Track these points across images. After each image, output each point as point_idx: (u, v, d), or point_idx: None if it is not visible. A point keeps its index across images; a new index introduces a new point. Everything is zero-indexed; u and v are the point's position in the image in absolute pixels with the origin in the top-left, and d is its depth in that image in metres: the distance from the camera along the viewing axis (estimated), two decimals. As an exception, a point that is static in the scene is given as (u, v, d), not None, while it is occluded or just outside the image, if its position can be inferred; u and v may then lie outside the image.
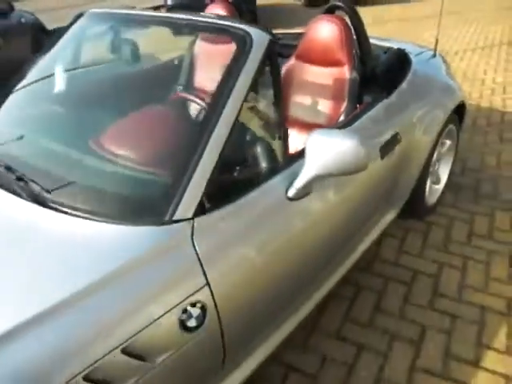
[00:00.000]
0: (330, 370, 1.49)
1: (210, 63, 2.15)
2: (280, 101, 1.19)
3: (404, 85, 1.82)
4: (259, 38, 1.16)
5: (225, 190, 1.05)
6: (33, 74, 1.47)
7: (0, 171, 1.09)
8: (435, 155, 2.07)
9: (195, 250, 0.94)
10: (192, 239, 0.94)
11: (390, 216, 1.85)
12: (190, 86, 2.14)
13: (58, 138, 1.19)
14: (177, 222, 0.94)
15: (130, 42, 1.57)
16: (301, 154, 1.21)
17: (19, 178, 1.04)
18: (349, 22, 1.78)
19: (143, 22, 1.44)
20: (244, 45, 1.15)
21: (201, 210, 0.98)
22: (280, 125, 1.18)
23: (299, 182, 1.12)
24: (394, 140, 1.59)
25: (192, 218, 0.96)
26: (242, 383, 1.18)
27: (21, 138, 1.19)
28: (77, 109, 1.37)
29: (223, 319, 0.98)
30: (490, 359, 1.50)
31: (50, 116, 1.31)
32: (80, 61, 1.49)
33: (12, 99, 1.42)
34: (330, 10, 1.87)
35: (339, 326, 1.65)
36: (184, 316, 0.89)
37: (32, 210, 0.98)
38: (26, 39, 4.68)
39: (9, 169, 1.08)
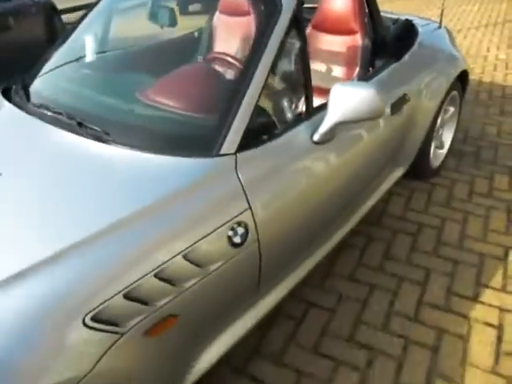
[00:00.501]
0: (345, 305, 1.68)
1: (229, 34, 2.29)
2: (306, 57, 1.34)
3: (411, 52, 1.97)
4: (287, 1, 1.31)
5: (261, 132, 1.21)
6: (79, 37, 1.62)
7: (62, 118, 1.25)
8: (439, 120, 2.23)
9: (239, 178, 1.11)
10: (236, 170, 1.12)
11: (398, 173, 2.02)
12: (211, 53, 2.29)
13: (116, 92, 1.36)
14: (223, 155, 1.11)
15: (167, 7, 1.71)
16: (323, 106, 1.37)
17: (80, 124, 1.21)
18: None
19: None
20: (275, 6, 1.29)
21: (242, 148, 1.14)
22: (306, 79, 1.34)
23: (323, 128, 1.29)
24: (403, 99, 1.75)
25: (235, 153, 1.13)
26: (270, 309, 1.37)
27: (77, 91, 1.36)
28: (121, 69, 1.53)
29: (261, 240, 1.15)
30: (487, 295, 1.69)
31: (99, 73, 1.47)
32: (120, 27, 1.64)
33: (57, 60, 1.57)
34: (344, -18, 2.00)
35: (352, 270, 1.84)
36: (231, 233, 1.07)
37: (92, 146, 1.15)
38: (39, 19, 4.78)
39: (70, 116, 1.24)
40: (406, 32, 2.07)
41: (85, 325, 0.84)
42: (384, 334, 1.56)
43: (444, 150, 2.47)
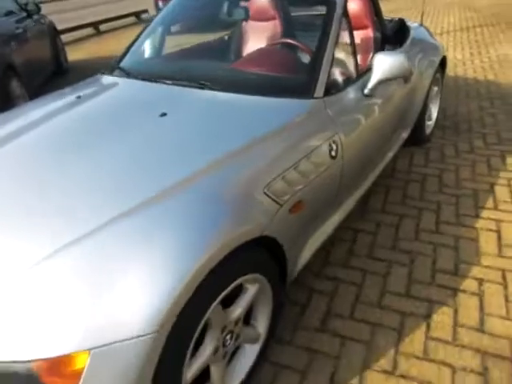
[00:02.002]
0: (383, 229, 2.19)
1: (257, 36, 2.82)
2: (352, 38, 1.88)
3: (408, 42, 2.58)
4: (339, 0, 1.86)
5: (332, 86, 1.73)
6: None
7: (186, 84, 1.72)
8: (429, 96, 2.84)
9: (328, 113, 1.61)
10: (325, 108, 1.61)
11: (405, 134, 2.59)
12: (237, 56, 2.80)
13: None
14: (316, 98, 1.62)
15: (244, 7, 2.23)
16: (368, 70, 1.91)
17: (200, 86, 1.68)
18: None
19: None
20: (331, 4, 1.83)
21: (325, 94, 1.65)
22: (354, 51, 1.88)
23: (370, 84, 1.82)
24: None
25: (323, 97, 1.63)
26: (346, 215, 1.86)
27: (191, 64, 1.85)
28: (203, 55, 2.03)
29: (344, 157, 1.64)
30: (486, 213, 2.26)
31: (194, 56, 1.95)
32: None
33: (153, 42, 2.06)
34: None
35: (382, 206, 2.37)
36: (329, 148, 1.55)
37: (217, 95, 1.63)
38: (46, 39, 5.11)
39: (192, 80, 1.71)
40: (401, 28, 2.68)
41: (264, 193, 1.28)
42: (418, 243, 2.07)
43: (432, 122, 3.09)
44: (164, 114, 1.49)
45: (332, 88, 1.72)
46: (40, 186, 1.23)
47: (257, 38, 2.79)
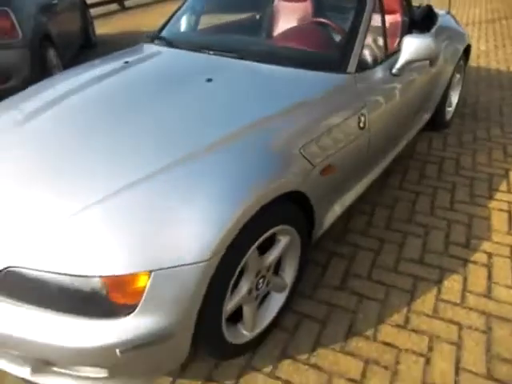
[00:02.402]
0: (401, 204, 2.32)
1: (289, 16, 2.92)
2: (384, 20, 1.98)
3: (436, 28, 2.66)
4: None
5: (363, 64, 1.84)
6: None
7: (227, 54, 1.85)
8: (451, 83, 2.93)
9: (357, 88, 1.73)
10: (355, 82, 1.74)
11: (427, 116, 2.69)
12: (271, 32, 2.91)
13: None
14: (348, 73, 1.74)
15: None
16: (396, 51, 2.02)
17: (241, 56, 1.81)
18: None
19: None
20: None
21: (356, 70, 1.77)
22: (385, 34, 1.98)
23: (398, 64, 1.93)
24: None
25: (354, 73, 1.75)
26: (373, 181, 2.02)
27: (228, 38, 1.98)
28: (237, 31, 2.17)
29: (371, 128, 1.77)
30: (499, 195, 2.37)
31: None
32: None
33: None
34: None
35: (400, 184, 2.49)
36: (358, 119, 1.68)
37: (257, 66, 1.77)
38: (77, 11, 5.23)
39: (233, 51, 1.85)
40: (429, 14, 2.76)
41: (300, 153, 1.42)
42: (433, 218, 2.20)
43: (452, 109, 3.18)
44: (210, 80, 1.63)
45: (362, 65, 1.84)
46: (99, 139, 1.38)
47: (289, 18, 2.89)
